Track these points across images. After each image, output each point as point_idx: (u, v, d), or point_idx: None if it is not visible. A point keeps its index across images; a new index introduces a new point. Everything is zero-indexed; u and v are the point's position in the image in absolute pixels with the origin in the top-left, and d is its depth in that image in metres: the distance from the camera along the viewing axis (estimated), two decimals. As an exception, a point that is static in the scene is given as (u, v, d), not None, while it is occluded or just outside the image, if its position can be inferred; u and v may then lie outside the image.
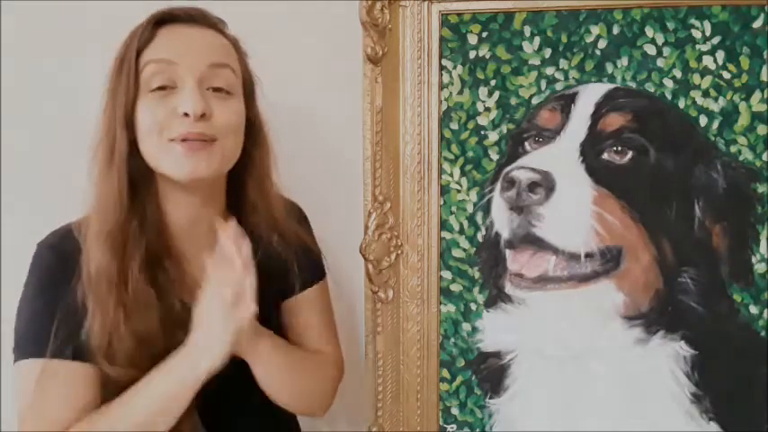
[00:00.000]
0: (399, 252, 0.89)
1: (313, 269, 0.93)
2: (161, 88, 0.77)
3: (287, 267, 0.88)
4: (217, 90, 0.79)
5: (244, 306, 0.74)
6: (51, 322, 0.76)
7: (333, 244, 0.99)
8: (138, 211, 0.78)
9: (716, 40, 0.82)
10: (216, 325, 0.75)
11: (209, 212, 0.84)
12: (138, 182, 0.79)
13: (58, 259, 0.79)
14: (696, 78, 0.83)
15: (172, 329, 0.78)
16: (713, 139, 0.83)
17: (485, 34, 0.86)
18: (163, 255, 0.81)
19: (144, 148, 0.77)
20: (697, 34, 0.82)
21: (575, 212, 0.83)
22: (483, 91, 0.87)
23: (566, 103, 0.85)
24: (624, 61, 0.84)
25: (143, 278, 0.77)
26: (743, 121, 0.82)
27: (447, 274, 0.90)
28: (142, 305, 0.77)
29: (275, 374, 0.84)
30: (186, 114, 0.75)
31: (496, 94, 0.87)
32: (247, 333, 0.78)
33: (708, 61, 0.82)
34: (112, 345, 0.76)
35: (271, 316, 0.88)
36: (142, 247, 0.78)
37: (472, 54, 0.87)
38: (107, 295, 0.76)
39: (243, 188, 0.86)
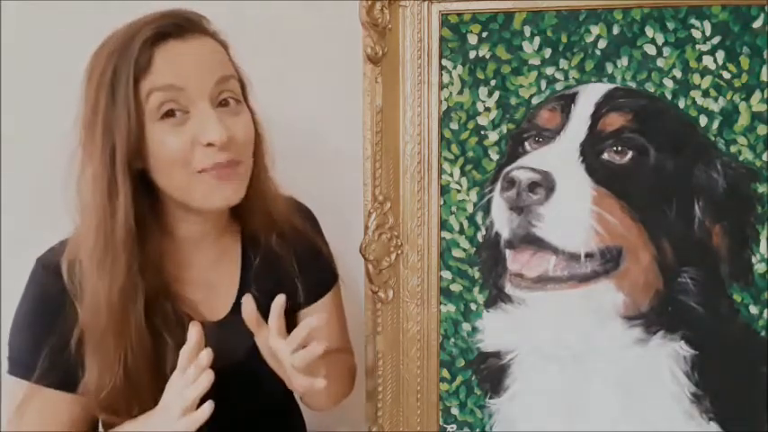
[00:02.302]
0: (399, 252, 0.89)
1: (323, 277, 0.92)
2: (170, 114, 0.73)
3: (294, 283, 0.88)
4: (225, 104, 0.77)
5: (189, 420, 0.69)
6: (41, 346, 0.75)
7: (333, 244, 0.99)
8: (140, 250, 0.75)
9: (716, 40, 0.82)
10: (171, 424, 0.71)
11: (216, 226, 0.84)
12: (142, 214, 0.75)
13: (54, 282, 0.77)
14: (696, 78, 0.83)
15: (164, 374, 0.76)
16: (713, 139, 0.83)
17: (485, 34, 0.86)
18: (160, 294, 0.79)
19: (164, 180, 0.75)
20: (697, 34, 0.82)
21: (575, 212, 0.83)
22: (483, 91, 0.87)
23: (566, 103, 0.85)
24: (624, 61, 0.84)
25: (143, 322, 0.75)
26: (743, 121, 0.82)
27: (447, 274, 0.90)
28: (141, 348, 0.75)
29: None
30: (210, 144, 0.73)
31: (496, 94, 0.87)
32: None
33: (708, 61, 0.82)
34: (111, 396, 0.75)
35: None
36: (142, 289, 0.75)
37: (472, 54, 0.87)
38: (111, 344, 0.74)
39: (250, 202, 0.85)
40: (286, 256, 0.87)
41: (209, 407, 0.69)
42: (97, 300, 0.73)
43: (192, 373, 0.69)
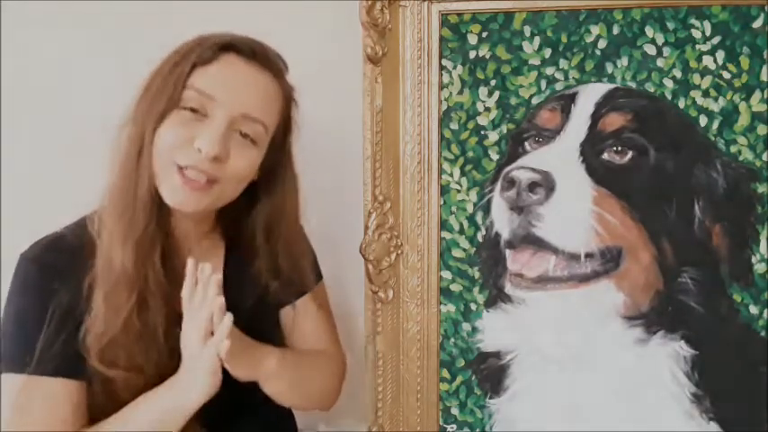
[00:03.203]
0: (399, 252, 0.89)
1: (305, 278, 0.93)
2: (193, 110, 0.76)
3: (277, 282, 0.88)
4: (244, 135, 0.79)
5: (214, 346, 0.73)
6: (32, 337, 0.75)
7: (333, 244, 0.99)
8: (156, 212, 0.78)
9: (716, 40, 0.82)
10: (194, 363, 0.75)
11: (200, 229, 0.86)
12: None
13: (40, 272, 0.78)
14: (696, 78, 0.83)
15: (176, 330, 0.78)
16: (713, 139, 0.83)
17: (485, 34, 0.86)
18: (172, 255, 0.81)
19: (155, 160, 0.77)
20: (697, 34, 0.82)
21: (575, 212, 0.83)
22: (483, 91, 0.87)
23: (566, 103, 0.85)
24: (624, 61, 0.84)
25: (161, 273, 0.78)
26: (743, 121, 0.82)
27: (447, 274, 0.90)
28: (158, 301, 0.77)
29: (285, 388, 0.85)
30: (200, 150, 0.75)
31: (496, 94, 0.87)
32: (246, 361, 0.79)
33: (708, 61, 0.82)
34: (114, 345, 0.76)
35: (267, 326, 0.88)
36: (159, 244, 0.78)
37: (472, 54, 0.87)
38: (123, 292, 0.76)
39: (253, 228, 0.87)
40: (268, 258, 0.87)
41: (228, 318, 0.73)
42: (111, 250, 0.76)
43: (208, 301, 0.74)
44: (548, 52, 0.85)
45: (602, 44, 0.84)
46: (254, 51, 0.80)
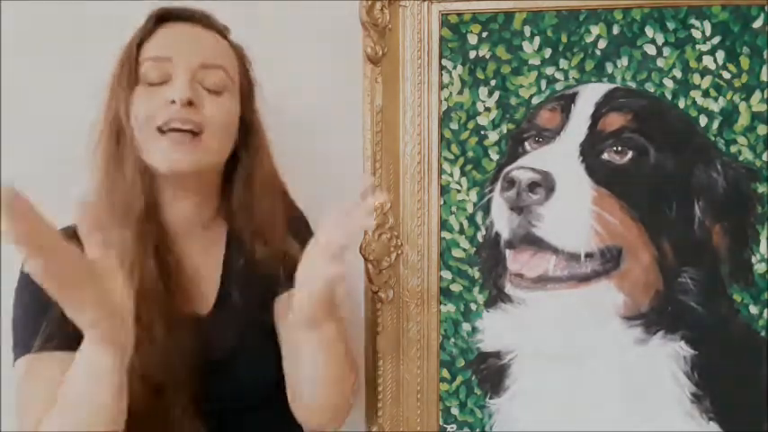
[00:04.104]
0: (399, 252, 0.89)
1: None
2: (156, 84, 0.78)
3: (274, 278, 0.87)
4: (209, 90, 0.80)
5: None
6: (39, 321, 0.75)
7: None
8: (146, 204, 0.79)
9: (716, 40, 0.82)
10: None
11: (201, 213, 0.84)
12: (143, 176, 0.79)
13: None
14: (696, 78, 0.83)
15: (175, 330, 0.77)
16: (713, 139, 0.83)
17: (485, 34, 0.86)
18: (171, 243, 0.82)
19: (137, 138, 0.78)
20: (697, 34, 0.82)
21: (575, 212, 0.83)
22: (483, 91, 0.87)
23: (566, 103, 0.85)
24: (624, 61, 0.84)
25: (154, 266, 0.78)
26: (743, 121, 0.82)
27: (447, 274, 0.90)
28: (149, 295, 0.76)
29: (322, 367, 0.79)
30: (173, 102, 0.76)
31: (496, 94, 0.87)
32: (329, 302, 0.75)
33: (708, 61, 0.82)
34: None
35: (266, 318, 0.88)
36: (154, 235, 0.79)
37: (472, 54, 0.87)
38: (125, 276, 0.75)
39: (231, 191, 0.86)
40: (268, 260, 0.87)
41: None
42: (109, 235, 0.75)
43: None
44: (548, 52, 0.85)
45: (602, 44, 0.84)
46: (192, 15, 0.82)
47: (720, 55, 0.82)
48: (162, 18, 0.81)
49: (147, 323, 0.77)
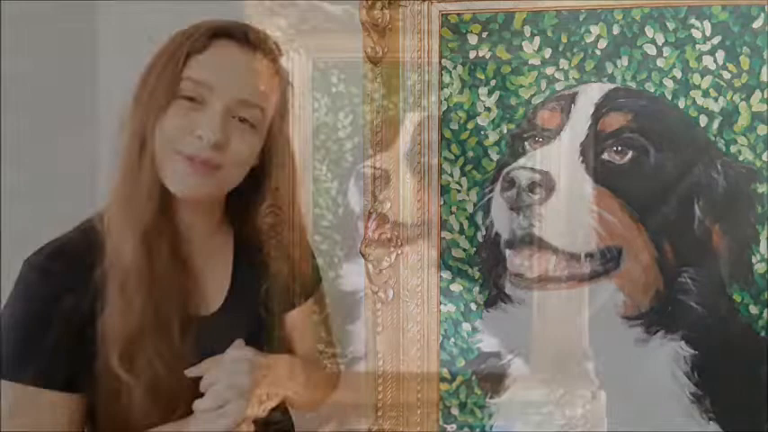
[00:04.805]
0: (399, 252, 0.89)
1: (307, 282, 0.93)
2: (191, 99, 0.76)
3: (282, 285, 0.88)
4: (242, 120, 0.79)
5: (225, 420, 0.74)
6: (32, 346, 0.74)
7: (333, 244, 0.99)
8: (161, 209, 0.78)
9: (716, 40, 0.82)
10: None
11: (206, 221, 0.85)
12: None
13: (43, 282, 0.76)
14: (696, 78, 0.83)
15: (190, 328, 0.78)
16: (713, 139, 0.83)
17: (485, 34, 0.86)
18: (180, 250, 0.82)
19: (157, 152, 0.77)
20: (697, 34, 0.82)
21: (575, 212, 0.83)
22: (483, 91, 0.87)
23: (566, 103, 0.85)
24: (624, 61, 0.84)
25: (171, 265, 0.78)
26: (743, 121, 0.82)
27: (447, 274, 0.90)
28: (170, 294, 0.77)
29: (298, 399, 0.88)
30: (200, 137, 0.75)
31: (496, 94, 0.87)
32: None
33: (708, 61, 0.82)
34: (132, 343, 0.75)
35: (273, 330, 0.89)
36: (167, 236, 0.78)
37: (472, 54, 0.87)
38: (135, 284, 0.75)
39: (239, 199, 0.86)
40: (273, 262, 0.88)
41: None
42: (120, 243, 0.76)
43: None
44: (548, 52, 0.85)
45: (602, 44, 0.84)
46: (247, 35, 0.79)
47: (720, 55, 0.82)
48: (215, 34, 0.78)
49: (166, 321, 0.77)
